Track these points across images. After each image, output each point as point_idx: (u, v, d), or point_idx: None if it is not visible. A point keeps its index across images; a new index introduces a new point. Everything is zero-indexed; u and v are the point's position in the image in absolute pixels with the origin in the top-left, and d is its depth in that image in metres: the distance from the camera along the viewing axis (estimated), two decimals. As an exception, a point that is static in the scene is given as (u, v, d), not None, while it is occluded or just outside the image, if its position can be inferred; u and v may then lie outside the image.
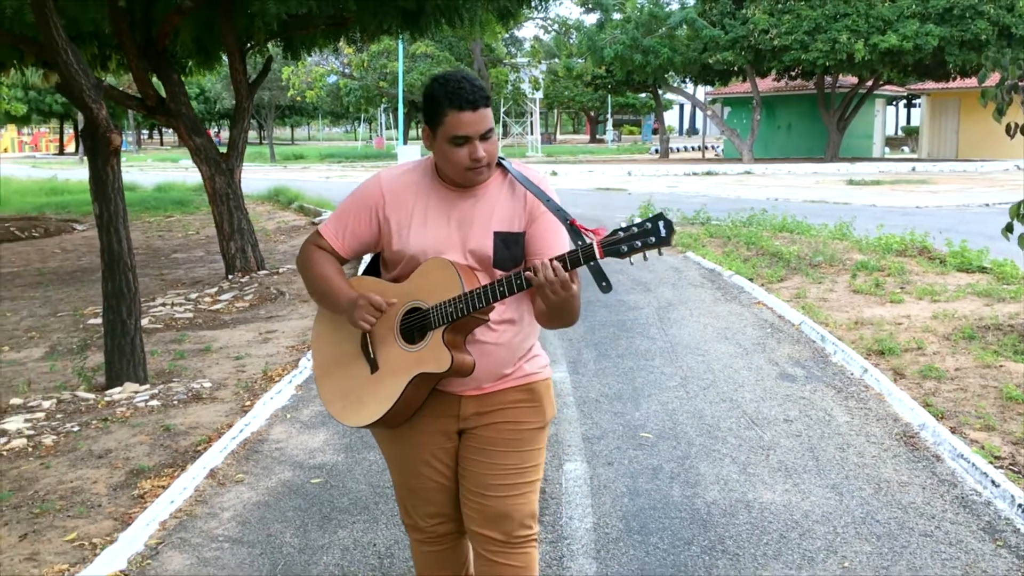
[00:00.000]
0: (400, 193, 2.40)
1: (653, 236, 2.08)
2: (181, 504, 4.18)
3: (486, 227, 2.35)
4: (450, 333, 2.30)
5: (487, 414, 2.43)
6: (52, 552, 3.76)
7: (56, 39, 5.54)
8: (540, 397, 2.48)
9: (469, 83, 2.26)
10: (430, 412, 2.43)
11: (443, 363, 2.28)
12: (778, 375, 6.03)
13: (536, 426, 2.48)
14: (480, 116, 2.25)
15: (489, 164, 2.32)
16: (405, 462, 2.51)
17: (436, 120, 2.28)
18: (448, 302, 2.27)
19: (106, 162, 6.03)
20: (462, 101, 2.23)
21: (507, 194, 2.39)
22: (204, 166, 10.21)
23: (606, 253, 2.11)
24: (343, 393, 2.47)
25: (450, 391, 2.41)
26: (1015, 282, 8.28)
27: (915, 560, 3.51)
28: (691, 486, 4.25)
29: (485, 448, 2.44)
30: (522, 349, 2.45)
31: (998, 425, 4.85)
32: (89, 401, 5.90)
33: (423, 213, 2.38)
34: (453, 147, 2.27)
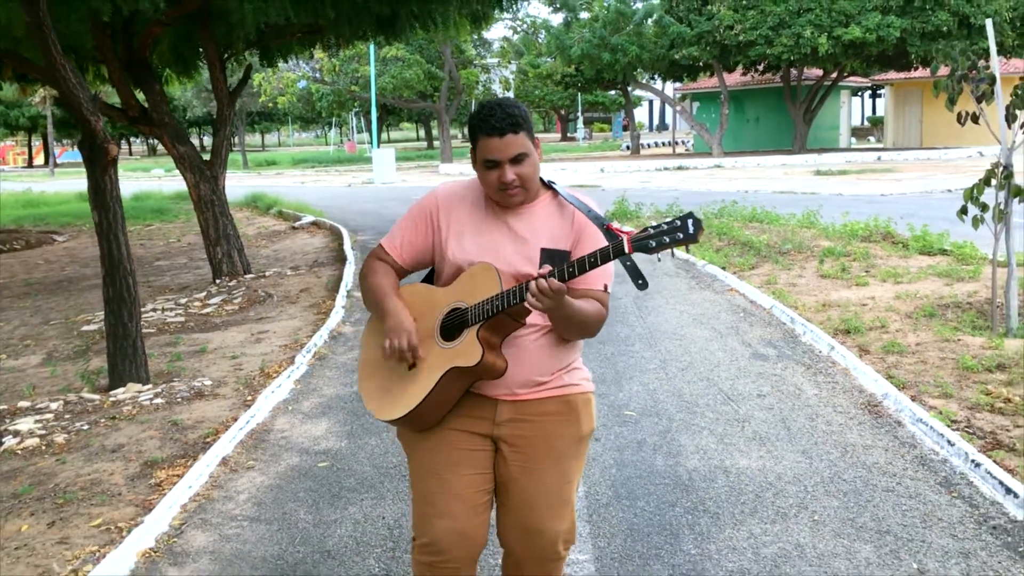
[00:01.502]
0: (455, 206, 2.53)
1: (681, 233, 2.18)
2: (198, 489, 4.46)
3: (534, 243, 2.45)
4: (485, 331, 2.38)
5: (522, 423, 2.48)
6: (81, 536, 4.03)
7: (55, 56, 5.78)
8: (577, 410, 2.52)
9: (501, 110, 2.39)
10: (465, 412, 2.48)
11: (473, 357, 2.35)
12: (751, 355, 6.38)
13: (572, 439, 2.52)
14: (506, 143, 2.37)
15: (522, 186, 2.43)
16: (432, 463, 2.50)
17: (473, 144, 2.45)
18: (485, 300, 2.37)
19: (104, 171, 6.28)
20: (489, 128, 2.37)
21: (555, 213, 2.49)
22: (189, 174, 10.44)
23: (635, 249, 2.20)
24: (382, 390, 2.55)
25: (487, 394, 2.47)
26: (973, 262, 8.70)
27: (878, 512, 3.86)
28: (673, 456, 4.59)
29: (524, 463, 2.49)
30: (560, 361, 2.50)
31: (955, 392, 5.22)
32: (95, 401, 6.15)
33: (475, 227, 2.49)
34: (486, 170, 2.42)
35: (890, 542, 3.59)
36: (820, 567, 3.42)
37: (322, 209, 18.51)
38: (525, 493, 2.49)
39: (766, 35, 29.54)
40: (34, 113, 50.22)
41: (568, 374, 2.53)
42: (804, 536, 3.67)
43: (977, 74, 6.99)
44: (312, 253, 13.07)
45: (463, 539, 2.46)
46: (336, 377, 6.49)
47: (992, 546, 3.53)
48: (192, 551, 3.85)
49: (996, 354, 5.80)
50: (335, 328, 7.91)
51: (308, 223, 16.51)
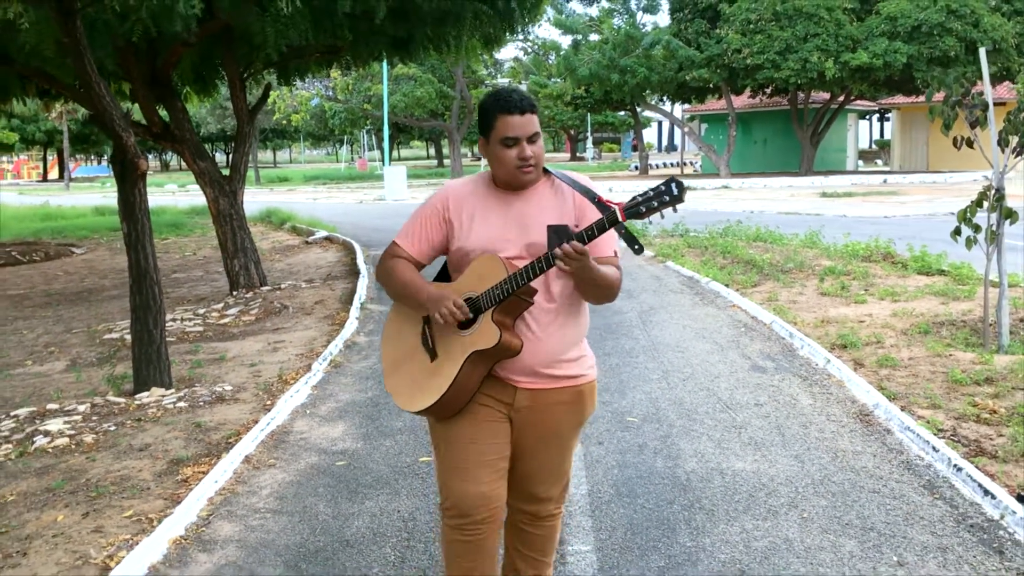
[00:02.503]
0: (463, 198, 2.74)
1: (667, 196, 2.41)
2: (224, 484, 4.73)
3: (540, 222, 2.65)
4: (499, 314, 2.58)
5: (535, 410, 2.72)
6: (115, 526, 4.30)
7: (91, 74, 6.10)
8: (584, 399, 2.79)
9: (518, 93, 2.64)
10: (489, 393, 2.70)
11: (492, 338, 2.56)
12: (750, 367, 6.64)
13: (576, 425, 2.82)
14: (526, 120, 2.61)
15: (536, 164, 2.66)
16: (457, 438, 2.72)
17: (489, 125, 2.63)
18: (495, 286, 2.57)
19: (134, 185, 6.58)
20: (511, 106, 2.59)
21: (554, 194, 2.72)
22: (208, 188, 10.77)
23: (628, 215, 2.44)
24: (408, 383, 2.74)
25: (507, 379, 2.69)
26: (969, 282, 8.94)
27: (864, 511, 4.11)
28: (672, 459, 4.84)
29: (535, 447, 2.77)
30: (571, 343, 2.73)
31: (943, 404, 5.47)
32: (120, 404, 6.42)
33: (483, 214, 2.70)
34: (504, 148, 2.62)
35: (873, 538, 3.84)
36: (807, 559, 3.67)
37: (335, 224, 18.84)
38: (531, 466, 2.81)
39: (773, 59, 29.90)
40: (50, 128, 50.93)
41: (578, 363, 2.76)
42: (793, 531, 3.92)
43: (971, 100, 7.27)
44: (326, 267, 13.37)
45: (487, 501, 2.70)
46: (351, 384, 6.76)
47: (968, 542, 3.77)
48: (220, 539, 4.12)
49: (985, 369, 6.04)
50: (350, 338, 8.19)
51: (321, 238, 16.84)
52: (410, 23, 10.15)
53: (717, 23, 32.02)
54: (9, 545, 4.12)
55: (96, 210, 25.07)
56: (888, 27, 29.03)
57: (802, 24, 29.61)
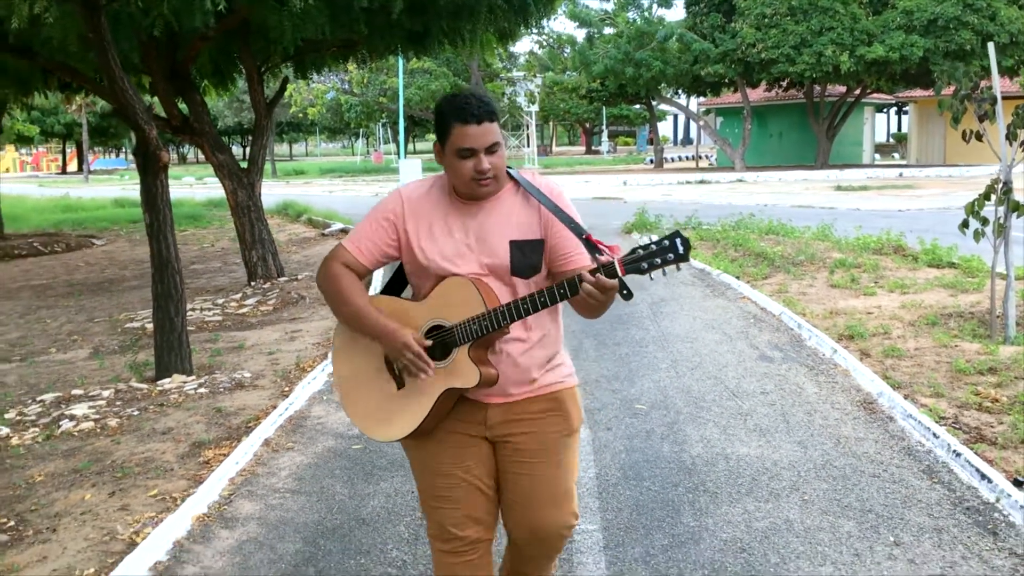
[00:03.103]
0: (418, 206, 2.51)
1: (671, 253, 2.24)
2: (244, 465, 4.90)
3: (501, 237, 2.44)
4: (475, 349, 2.40)
5: (514, 423, 2.52)
6: (140, 504, 4.47)
7: (115, 69, 6.27)
8: (565, 405, 2.56)
9: (476, 99, 2.38)
10: (457, 417, 2.51)
11: (471, 379, 2.39)
12: (758, 357, 6.76)
13: (564, 433, 2.56)
14: (484, 130, 2.36)
15: (496, 176, 2.43)
16: (433, 465, 2.56)
17: (444, 134, 2.40)
18: (472, 320, 2.37)
19: (156, 177, 6.75)
20: (467, 115, 2.35)
21: (520, 204, 2.49)
22: (227, 180, 10.95)
23: (628, 271, 2.25)
24: (371, 409, 2.54)
25: (477, 399, 2.51)
26: (979, 275, 9.01)
27: (863, 494, 4.23)
28: (678, 444, 4.97)
29: (521, 460, 2.54)
30: (545, 358, 2.54)
31: (946, 393, 5.57)
32: (143, 390, 6.61)
33: (441, 224, 2.48)
34: (459, 160, 2.39)
35: (871, 519, 3.96)
36: (806, 539, 3.80)
37: (351, 217, 19.02)
38: (524, 489, 2.56)
39: (788, 53, 29.87)
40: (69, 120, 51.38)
41: (552, 372, 2.57)
42: (794, 513, 4.05)
43: (980, 94, 7.35)
44: (341, 259, 13.52)
45: (475, 521, 2.56)
46: (367, 372, 6.91)
47: (964, 524, 3.89)
48: (241, 517, 4.28)
49: (990, 359, 6.14)
50: (365, 328, 8.34)
51: (337, 230, 17.02)
52: (426, 17, 10.28)
53: (732, 17, 31.99)
54: (39, 522, 4.30)
55: (116, 202, 25.36)
56: (904, 20, 28.95)
57: (817, 18, 29.56)
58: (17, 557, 3.93)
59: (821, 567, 3.55)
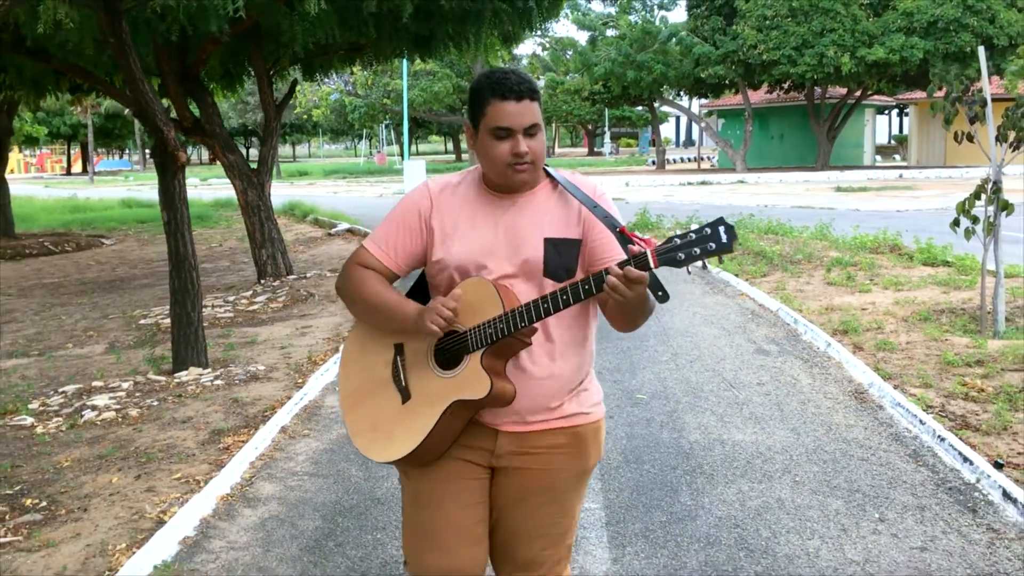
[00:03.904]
0: (446, 200, 2.28)
1: (713, 242, 1.92)
2: (263, 451, 5.14)
3: (536, 234, 2.20)
4: (489, 357, 2.14)
5: (523, 456, 2.25)
6: (165, 486, 4.71)
7: (135, 72, 6.52)
8: (585, 443, 2.28)
9: (516, 75, 2.16)
10: (464, 442, 2.25)
11: (481, 388, 2.11)
12: (755, 350, 7.00)
13: (576, 474, 2.30)
14: (524, 108, 2.13)
15: (533, 162, 2.18)
16: (425, 497, 2.28)
17: (479, 112, 2.17)
18: (488, 323, 2.12)
19: (173, 176, 7.00)
20: (505, 90, 2.13)
21: (557, 201, 2.25)
22: (237, 181, 11.19)
23: (661, 262, 1.96)
24: (372, 424, 2.29)
25: (487, 423, 2.24)
26: (972, 273, 9.24)
27: (852, 476, 4.46)
28: (677, 431, 5.21)
29: (521, 497, 2.28)
30: (572, 382, 2.26)
31: (935, 383, 5.81)
32: (161, 382, 6.85)
33: (469, 221, 2.24)
34: (495, 140, 2.15)
35: (858, 498, 4.19)
36: (796, 515, 4.03)
37: (356, 217, 19.27)
38: (515, 525, 2.31)
39: (789, 55, 30.12)
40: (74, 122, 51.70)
41: (576, 399, 2.28)
42: (785, 493, 4.28)
43: (971, 97, 7.58)
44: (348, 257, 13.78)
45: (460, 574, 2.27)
46: (377, 365, 7.15)
47: (945, 502, 4.12)
48: (262, 497, 4.52)
49: (978, 352, 6.37)
50: (374, 323, 8.59)
51: (343, 230, 17.27)
52: (432, 21, 10.53)
53: (733, 19, 32.24)
54: (70, 503, 4.54)
55: (123, 203, 25.63)
56: (904, 22, 29.19)
57: (818, 19, 29.80)
58: (52, 534, 4.17)
59: (810, 541, 3.78)
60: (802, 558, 3.63)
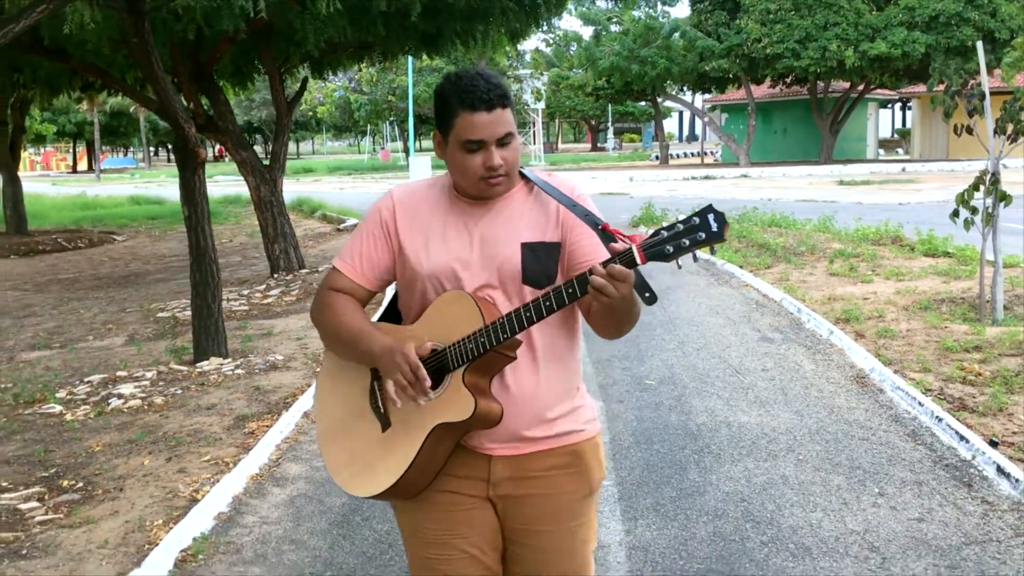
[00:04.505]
0: (414, 209, 2.14)
1: (703, 232, 1.79)
2: (287, 434, 5.36)
3: (512, 240, 2.07)
4: (472, 374, 1.99)
5: (522, 482, 2.10)
6: (196, 468, 4.92)
7: (157, 71, 6.72)
8: (585, 460, 2.14)
9: (484, 80, 1.99)
10: (455, 472, 2.09)
11: (465, 409, 1.96)
12: (759, 338, 7.20)
13: (581, 495, 2.15)
14: (496, 118, 1.98)
15: (508, 173, 2.05)
16: (424, 533, 2.14)
17: (447, 123, 2.02)
18: (468, 338, 1.97)
19: (193, 172, 7.20)
20: (475, 100, 1.96)
21: (533, 204, 2.12)
22: (250, 177, 11.40)
23: (648, 257, 1.82)
24: (350, 457, 2.13)
25: (478, 449, 2.08)
26: (972, 263, 9.42)
27: (853, 454, 4.67)
28: (685, 414, 5.42)
29: (528, 529, 2.13)
30: (563, 396, 2.13)
31: (934, 368, 6.01)
32: (183, 372, 7.07)
33: (441, 230, 2.10)
34: (466, 153, 2.01)
35: (859, 475, 4.40)
36: (799, 491, 4.24)
37: (363, 213, 19.48)
38: (530, 564, 2.16)
39: (793, 48, 30.29)
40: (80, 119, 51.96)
41: (570, 417, 2.14)
42: (789, 470, 4.49)
43: (970, 91, 7.77)
44: (358, 252, 13.99)
45: None
46: (392, 354, 7.37)
47: (942, 478, 4.33)
48: (290, 476, 4.74)
49: (976, 338, 6.57)
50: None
51: (352, 225, 17.49)
52: (440, 20, 10.72)
53: (737, 14, 32.40)
54: (106, 484, 4.76)
55: (132, 200, 25.87)
56: (906, 16, 29.34)
57: (821, 13, 29.97)
58: (91, 511, 4.38)
59: (812, 513, 3.99)
60: (805, 528, 3.84)
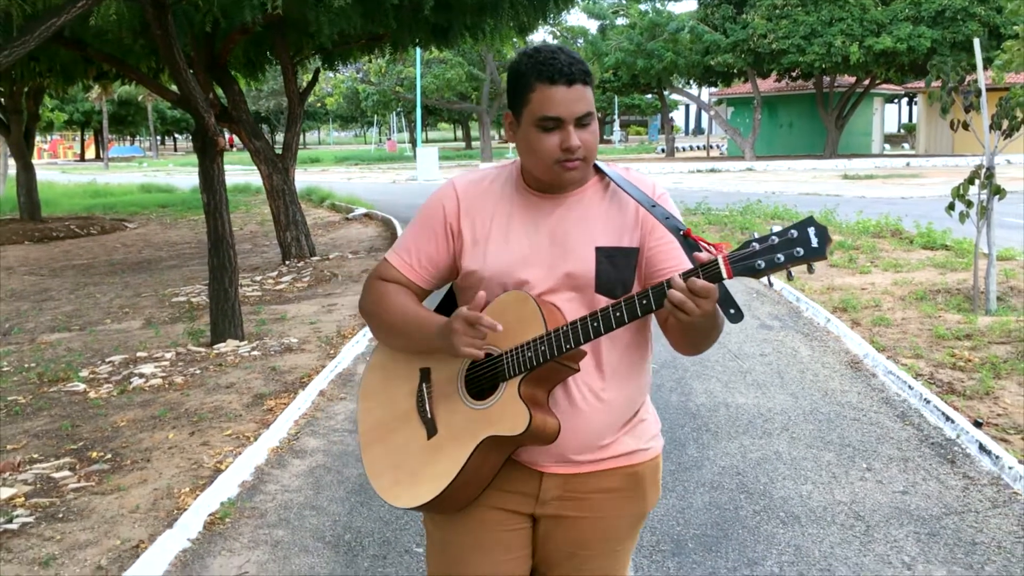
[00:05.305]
0: (477, 201, 1.96)
1: (800, 247, 1.59)
2: (305, 411, 5.61)
3: (586, 242, 1.88)
4: (529, 385, 1.83)
5: (572, 503, 1.93)
6: (218, 441, 5.17)
7: (179, 62, 6.96)
8: (643, 483, 1.97)
9: (566, 54, 1.82)
10: (501, 486, 1.92)
11: (519, 423, 1.80)
12: (759, 326, 7.43)
13: (633, 520, 1.99)
14: (576, 94, 1.81)
15: (586, 158, 1.85)
16: (456, 551, 1.98)
17: (521, 98, 1.84)
18: (527, 344, 1.81)
19: (212, 160, 7.45)
20: (554, 73, 1.79)
21: (610, 202, 1.92)
22: (263, 165, 11.65)
23: (736, 272, 1.65)
24: (393, 464, 1.97)
25: (529, 464, 1.92)
26: (969, 256, 9.64)
27: (844, 433, 4.91)
28: (685, 395, 5.66)
29: (571, 551, 1.97)
30: (626, 414, 1.95)
31: (925, 354, 6.24)
32: (201, 353, 7.32)
33: (504, 225, 1.92)
34: (541, 133, 1.82)
35: (848, 451, 4.64)
36: (792, 465, 4.48)
37: (371, 203, 19.75)
38: None
39: (798, 44, 30.45)
40: (88, 108, 52.20)
41: (632, 433, 1.96)
42: (783, 447, 4.73)
43: (967, 87, 7.98)
44: (367, 240, 14.26)
45: None
46: (403, 338, 7.62)
47: (927, 455, 4.57)
48: (308, 449, 4.99)
49: (968, 327, 6.80)
50: (397, 301, 9.06)
51: (360, 214, 17.74)
52: (450, 13, 10.94)
53: (743, 8, 32.54)
54: (133, 455, 5.01)
55: (142, 188, 26.15)
56: (912, 12, 29.47)
57: (827, 8, 30.10)
58: (121, 480, 4.64)
59: (803, 486, 4.23)
60: (795, 499, 4.08)
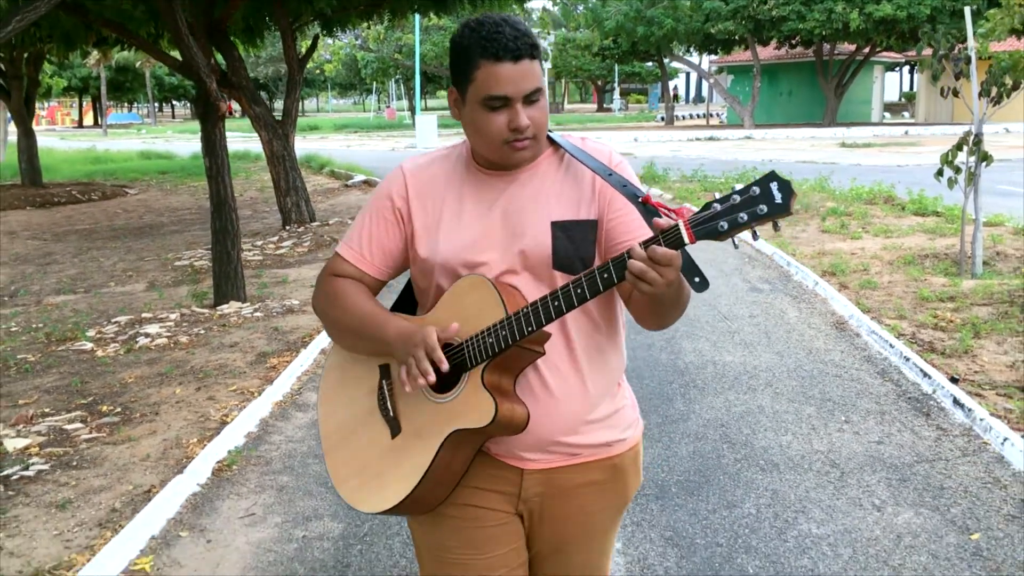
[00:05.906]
0: (427, 185, 1.88)
1: (763, 204, 1.47)
2: (307, 367, 5.80)
3: (541, 217, 1.79)
4: (493, 373, 1.74)
5: (554, 499, 1.88)
6: (223, 396, 5.37)
7: (181, 28, 7.08)
8: (624, 473, 1.92)
9: (511, 27, 1.71)
10: (483, 485, 1.86)
11: (485, 414, 1.71)
12: (749, 289, 7.62)
13: (616, 509, 1.96)
14: (523, 70, 1.70)
15: (536, 136, 1.77)
16: (449, 551, 1.88)
17: (465, 76, 1.73)
18: (488, 330, 1.72)
19: (214, 125, 7.58)
20: (499, 49, 1.68)
21: (565, 175, 1.83)
22: (263, 131, 11.76)
23: (698, 235, 1.53)
24: (358, 468, 1.87)
25: (508, 458, 1.85)
26: (958, 221, 9.79)
27: (825, 388, 5.11)
28: (674, 354, 5.85)
29: (556, 547, 1.94)
30: (602, 397, 1.86)
31: (909, 315, 6.43)
32: (205, 314, 7.50)
33: (456, 208, 1.84)
34: (487, 112, 1.73)
35: (829, 406, 4.84)
36: (773, 418, 4.68)
37: (370, 169, 19.85)
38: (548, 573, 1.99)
39: (798, 10, 30.38)
40: (85, 75, 52.01)
41: (610, 421, 1.88)
42: (766, 401, 4.93)
43: (957, 55, 8.10)
44: (366, 207, 14.40)
45: None
46: (401, 300, 7.81)
47: (903, 408, 4.77)
48: (311, 403, 5.19)
49: (952, 290, 6.98)
50: (396, 265, 9.25)
51: (360, 181, 17.86)
52: (450, -21, 11.03)
53: (744, -26, 32.41)
54: (142, 409, 5.21)
55: (142, 154, 26.22)
56: (913, -21, 29.38)
57: (828, -25, 30.00)
58: (131, 432, 4.84)
59: (783, 437, 4.43)
60: (775, 449, 4.29)
